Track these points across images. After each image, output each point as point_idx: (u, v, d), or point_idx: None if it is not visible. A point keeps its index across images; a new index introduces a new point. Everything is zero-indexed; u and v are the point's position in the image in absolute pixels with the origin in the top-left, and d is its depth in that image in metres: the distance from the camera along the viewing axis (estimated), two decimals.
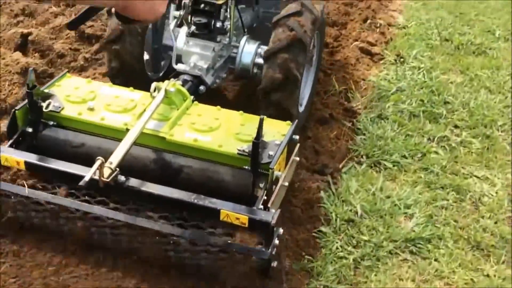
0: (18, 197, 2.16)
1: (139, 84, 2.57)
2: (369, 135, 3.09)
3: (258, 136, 2.03)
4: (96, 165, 1.89)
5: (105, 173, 1.93)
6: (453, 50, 4.09)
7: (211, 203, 2.03)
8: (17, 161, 2.18)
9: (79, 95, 2.40)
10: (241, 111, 2.40)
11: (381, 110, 3.30)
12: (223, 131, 2.25)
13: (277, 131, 2.25)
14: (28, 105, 2.30)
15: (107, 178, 1.93)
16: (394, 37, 4.20)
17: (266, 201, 2.07)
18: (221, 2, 2.67)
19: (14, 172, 2.26)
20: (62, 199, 2.13)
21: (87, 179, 1.87)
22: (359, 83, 3.57)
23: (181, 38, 2.78)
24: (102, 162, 1.90)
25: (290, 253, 2.32)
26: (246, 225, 1.99)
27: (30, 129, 2.33)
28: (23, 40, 3.62)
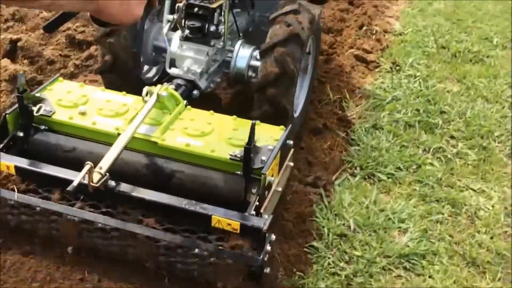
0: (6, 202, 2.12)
1: (130, 81, 2.51)
2: (363, 146, 3.03)
3: (250, 141, 2.01)
4: (85, 170, 1.87)
5: (95, 178, 1.90)
6: (450, 58, 4.03)
7: (202, 208, 2.00)
8: (7, 165, 2.15)
9: (71, 100, 2.38)
10: (234, 115, 2.37)
11: (376, 120, 3.25)
12: (216, 136, 2.23)
13: (270, 136, 2.22)
14: (18, 109, 2.29)
15: (96, 183, 1.90)
16: (390, 44, 4.15)
17: (259, 207, 2.04)
18: (215, 6, 2.64)
19: (5, 176, 2.21)
20: (51, 204, 2.08)
21: (75, 184, 1.84)
22: (354, 91, 3.52)
23: (175, 42, 2.75)
24: (91, 167, 1.88)
25: (281, 269, 2.26)
26: (238, 231, 1.95)
27: (21, 133, 2.31)
28: (12, 46, 3.57)
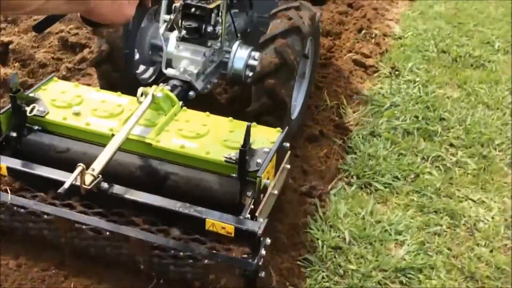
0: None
1: (125, 75, 2.54)
2: (360, 154, 2.96)
3: (245, 143, 1.98)
4: (77, 172, 1.83)
5: (87, 180, 1.87)
6: (450, 62, 3.95)
7: (196, 211, 1.96)
8: None
9: (65, 100, 2.35)
10: (230, 117, 2.33)
11: (373, 127, 3.17)
12: (211, 137, 2.20)
13: (266, 138, 2.19)
14: (11, 109, 2.25)
15: (88, 185, 1.87)
16: (390, 48, 4.07)
17: (254, 210, 2.00)
18: (212, 7, 2.61)
19: None
20: (43, 206, 2.03)
21: (66, 186, 1.81)
22: (352, 97, 3.44)
23: (171, 42, 2.73)
24: (83, 168, 1.84)
25: (274, 283, 2.19)
26: (232, 235, 1.91)
27: (14, 133, 2.27)
28: (4, 48, 3.50)
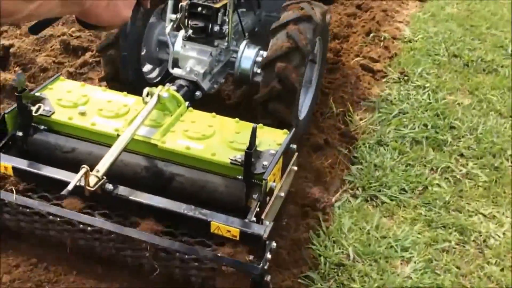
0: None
1: (135, 85, 2.58)
2: (366, 164, 2.85)
3: (251, 145, 1.94)
4: (81, 173, 1.82)
5: (91, 181, 1.85)
6: (461, 67, 3.83)
7: (201, 214, 1.93)
8: (4, 166, 2.10)
9: (71, 99, 2.33)
10: (237, 118, 2.29)
11: (380, 136, 3.07)
12: (217, 139, 2.17)
13: (273, 140, 2.16)
14: (17, 108, 2.24)
15: (93, 187, 1.85)
16: (399, 52, 3.95)
17: (260, 213, 1.96)
18: (218, 6, 2.58)
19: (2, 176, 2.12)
20: (47, 206, 2.01)
21: (69, 188, 1.79)
22: (359, 103, 3.34)
23: (178, 42, 2.70)
24: (87, 170, 1.83)
25: None
26: (238, 238, 1.88)
27: (20, 133, 2.25)
28: (5, 52, 3.44)
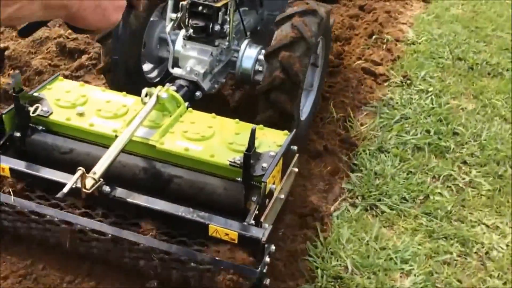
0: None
1: (134, 78, 2.61)
2: (366, 172, 2.78)
3: (250, 147, 1.91)
4: (76, 176, 1.79)
5: (88, 184, 1.82)
6: (466, 70, 3.74)
7: (199, 217, 1.90)
8: (2, 167, 2.07)
9: (69, 100, 2.31)
10: (237, 119, 2.26)
11: (381, 142, 2.99)
12: (217, 140, 2.15)
13: (273, 141, 2.13)
14: (14, 109, 2.21)
15: (89, 189, 1.82)
16: (402, 54, 3.87)
17: (259, 216, 1.93)
18: (219, 5, 2.55)
19: None
20: (44, 208, 2.00)
21: (65, 190, 1.76)
22: (360, 108, 3.26)
23: (178, 41, 2.68)
24: (83, 172, 1.80)
25: None
26: (236, 241, 1.84)
27: (18, 133, 2.23)
28: None
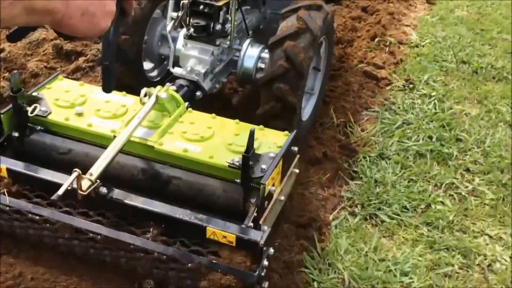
0: None
1: (133, 71, 2.63)
2: (366, 179, 2.71)
3: (248, 149, 1.87)
4: (72, 177, 1.77)
5: (84, 185, 1.79)
6: (470, 74, 3.66)
7: (197, 219, 1.86)
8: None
9: (68, 99, 2.28)
10: (237, 119, 2.23)
11: (382, 148, 2.92)
12: (216, 141, 2.11)
13: (273, 142, 2.09)
14: (12, 109, 2.19)
15: (85, 191, 1.78)
16: (405, 57, 3.79)
17: (258, 218, 1.89)
18: (221, 4, 2.51)
19: None
20: (41, 209, 1.97)
21: (60, 192, 1.73)
22: (361, 113, 3.20)
23: (179, 40, 2.66)
24: (78, 174, 1.78)
25: None
26: (234, 244, 1.81)
27: (16, 133, 2.21)
28: None
